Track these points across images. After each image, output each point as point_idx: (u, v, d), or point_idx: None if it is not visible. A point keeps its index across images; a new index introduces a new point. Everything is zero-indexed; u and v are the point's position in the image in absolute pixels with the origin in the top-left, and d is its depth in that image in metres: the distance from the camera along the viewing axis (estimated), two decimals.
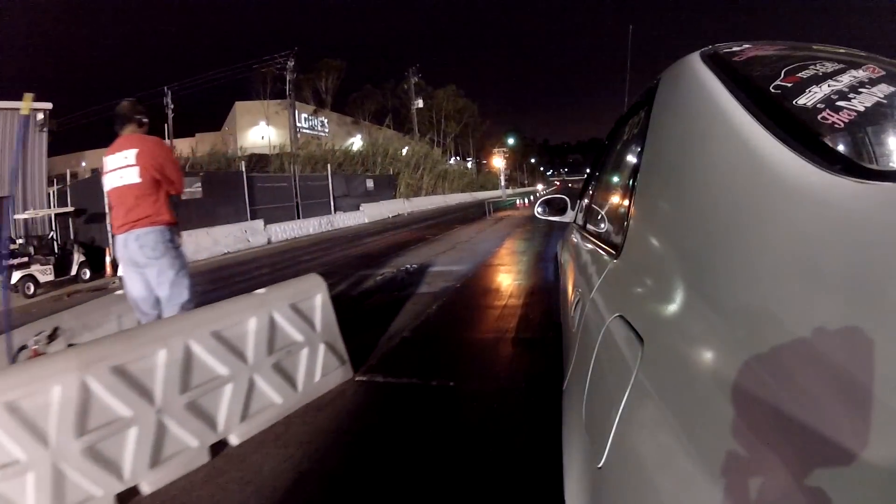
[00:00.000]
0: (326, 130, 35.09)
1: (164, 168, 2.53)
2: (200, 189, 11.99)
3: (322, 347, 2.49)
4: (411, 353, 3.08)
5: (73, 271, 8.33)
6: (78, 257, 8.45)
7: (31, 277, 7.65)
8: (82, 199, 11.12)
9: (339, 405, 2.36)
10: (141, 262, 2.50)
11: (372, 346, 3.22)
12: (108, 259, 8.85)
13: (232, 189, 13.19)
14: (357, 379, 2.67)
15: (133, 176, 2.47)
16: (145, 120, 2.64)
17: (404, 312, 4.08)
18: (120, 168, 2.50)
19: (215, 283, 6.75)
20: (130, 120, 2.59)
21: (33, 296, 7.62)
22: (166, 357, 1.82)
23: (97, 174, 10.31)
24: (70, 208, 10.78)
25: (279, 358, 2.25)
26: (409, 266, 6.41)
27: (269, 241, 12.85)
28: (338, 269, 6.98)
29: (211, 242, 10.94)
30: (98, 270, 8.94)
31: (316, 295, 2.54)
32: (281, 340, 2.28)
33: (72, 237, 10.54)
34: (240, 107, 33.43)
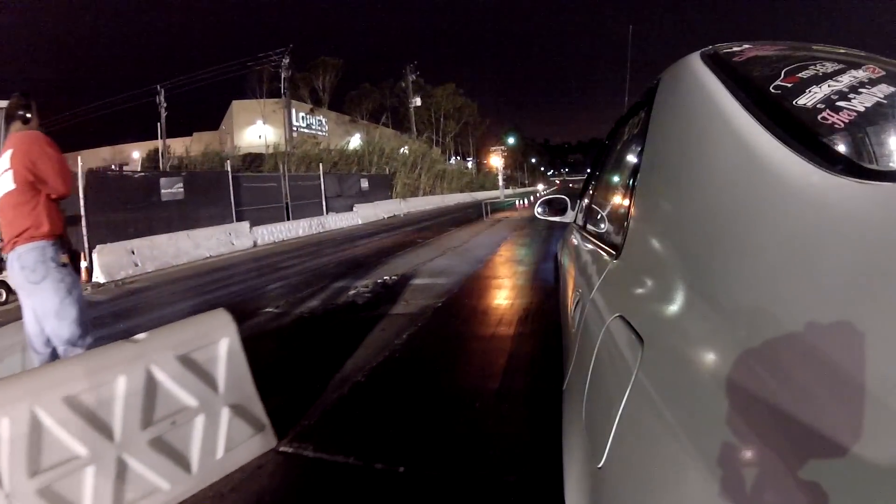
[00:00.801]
0: (325, 130, 34.87)
1: (36, 166, 2.11)
2: (182, 190, 11.32)
3: (226, 413, 1.87)
4: (361, 410, 2.39)
5: None
6: None
7: (2, 284, 7.37)
8: (66, 200, 10.89)
9: (249, 492, 1.78)
10: (25, 288, 2.11)
11: (316, 394, 2.56)
12: (83, 264, 8.59)
13: (216, 189, 12.51)
14: (281, 450, 2.01)
15: (8, 182, 2.10)
16: (29, 115, 2.26)
17: (368, 343, 3.36)
18: (1, 174, 2.14)
19: (184, 294, 6.24)
20: (14, 117, 2.23)
21: (5, 303, 7.35)
22: (9, 430, 1.42)
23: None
24: None
25: (161, 431, 1.70)
26: (387, 278, 5.73)
27: (255, 244, 12.22)
28: (313, 278, 6.34)
29: (192, 246, 10.32)
30: None
31: (219, 341, 1.88)
32: (164, 407, 1.72)
33: None
34: (237, 106, 33.24)
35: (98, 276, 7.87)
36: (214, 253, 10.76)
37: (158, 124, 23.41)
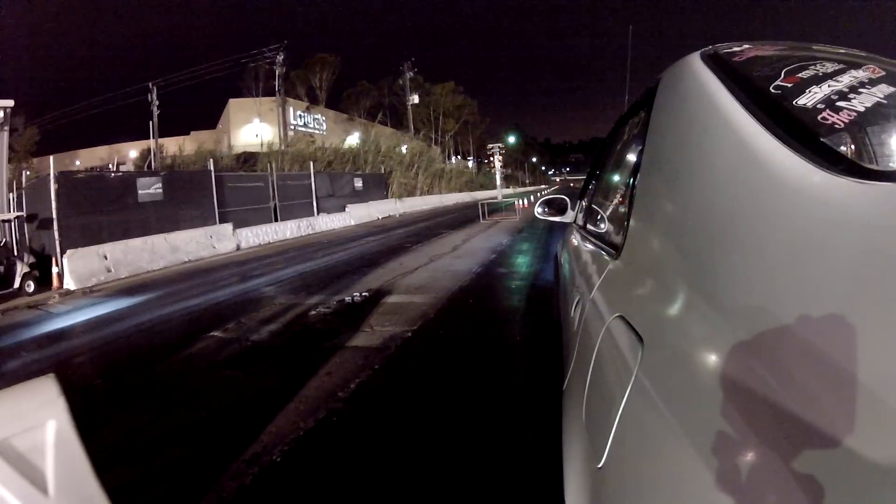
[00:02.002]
0: (324, 128, 34.77)
1: None
2: (161, 191, 10.70)
3: None
4: None
5: (17, 283, 7.30)
6: (21, 268, 7.39)
7: None
8: (38, 203, 9.66)
9: None
10: None
11: (214, 478, 1.90)
12: (55, 270, 7.97)
13: (198, 190, 11.85)
14: None
15: None
16: None
17: (304, 395, 2.54)
18: None
19: (142, 307, 5.75)
20: None
21: None
22: None
23: (43, 176, 9.37)
24: (10, 214, 9.42)
25: None
26: (357, 295, 4.97)
27: (239, 247, 11.68)
28: (278, 292, 5.70)
29: (169, 249, 9.77)
30: (46, 282, 7.87)
31: (44, 424, 1.44)
32: None
33: (27, 244, 9.53)
34: (233, 104, 33.11)
35: (69, 283, 7.64)
36: (194, 257, 10.24)
37: (150, 123, 23.33)
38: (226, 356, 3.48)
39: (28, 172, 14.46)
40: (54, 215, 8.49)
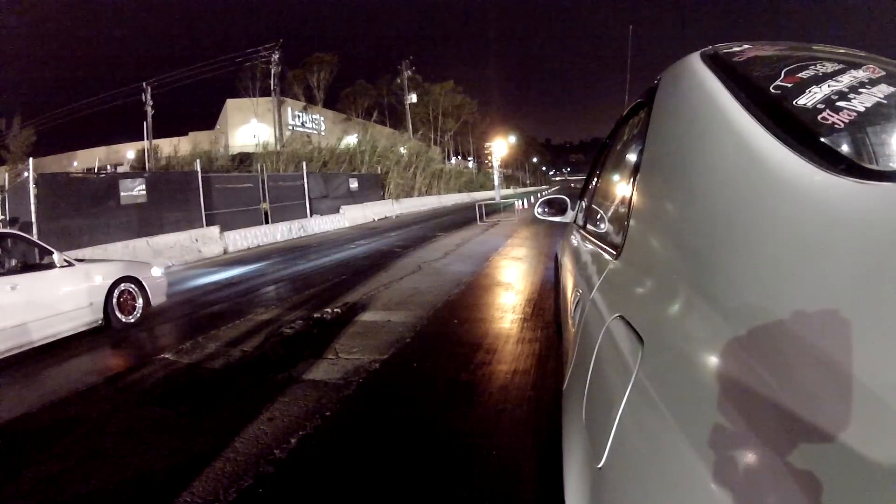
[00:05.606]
0: (323, 128, 34.70)
1: None
2: (144, 192, 10.35)
3: None
4: None
5: None
6: None
7: None
8: (20, 206, 9.18)
9: None
10: None
11: None
12: None
13: (184, 191, 11.42)
14: None
15: None
16: None
17: (235, 449, 2.13)
18: None
19: None
20: None
21: None
22: None
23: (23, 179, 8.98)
24: None
25: None
26: (328, 311, 4.50)
27: (226, 251, 11.25)
28: (247, 305, 5.20)
29: (151, 254, 9.33)
30: None
31: None
32: None
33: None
34: (231, 105, 33.09)
35: None
36: (178, 261, 9.79)
37: (145, 123, 23.31)
38: (166, 388, 3.05)
39: (26, 174, 14.26)
40: (33, 219, 8.19)
